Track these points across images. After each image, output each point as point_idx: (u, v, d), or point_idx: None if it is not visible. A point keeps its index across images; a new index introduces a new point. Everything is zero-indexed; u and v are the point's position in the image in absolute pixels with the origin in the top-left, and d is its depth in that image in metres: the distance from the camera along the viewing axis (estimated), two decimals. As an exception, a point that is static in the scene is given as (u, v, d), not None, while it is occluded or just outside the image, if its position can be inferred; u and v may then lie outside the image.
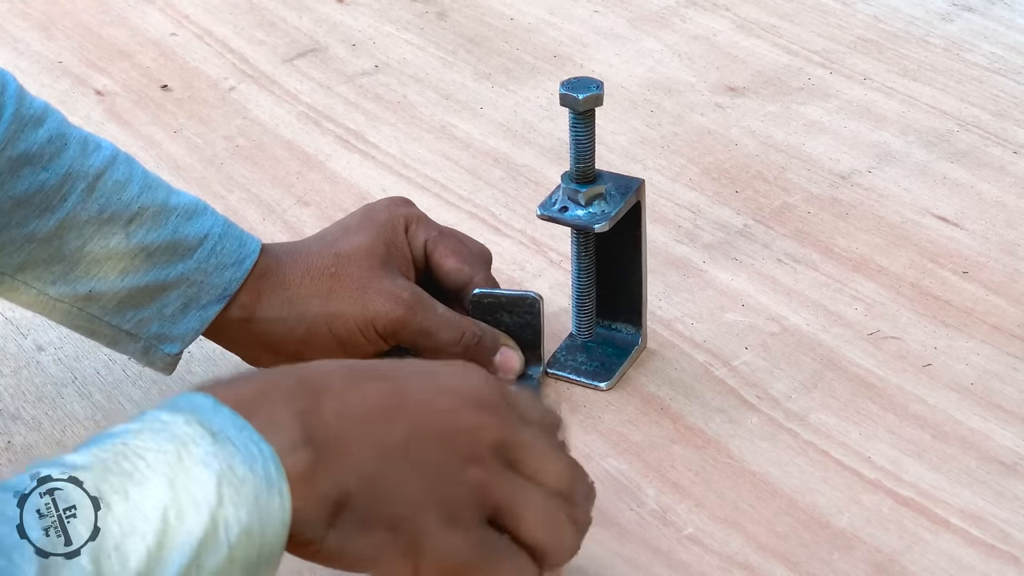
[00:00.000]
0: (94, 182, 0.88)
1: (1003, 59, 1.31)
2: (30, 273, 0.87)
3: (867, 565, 0.83)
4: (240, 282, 0.90)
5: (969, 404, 0.93)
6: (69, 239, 0.87)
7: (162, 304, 0.89)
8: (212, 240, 0.90)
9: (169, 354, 0.91)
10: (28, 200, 0.86)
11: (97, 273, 0.88)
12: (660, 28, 1.39)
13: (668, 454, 0.91)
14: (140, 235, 0.88)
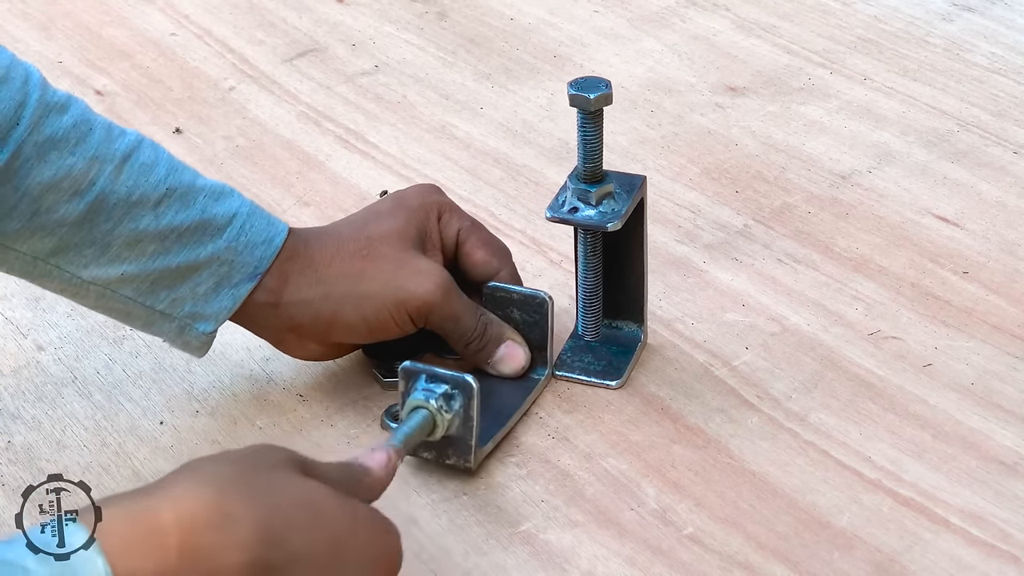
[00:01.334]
0: (121, 165, 0.88)
1: (1003, 59, 1.31)
2: (63, 257, 0.88)
3: (867, 565, 0.83)
4: (271, 260, 0.91)
5: (969, 404, 0.93)
6: (99, 222, 0.87)
7: (194, 284, 0.90)
8: (240, 219, 0.91)
9: (204, 332, 0.91)
10: (57, 185, 0.86)
11: (129, 255, 0.88)
12: (660, 28, 1.39)
13: (668, 454, 0.91)
14: (169, 216, 0.89)
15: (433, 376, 0.87)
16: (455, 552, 0.85)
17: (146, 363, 1.00)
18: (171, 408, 0.96)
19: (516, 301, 0.95)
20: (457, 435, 0.88)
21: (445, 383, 0.87)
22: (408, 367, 0.88)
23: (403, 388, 0.88)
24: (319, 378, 0.98)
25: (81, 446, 0.93)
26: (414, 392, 0.87)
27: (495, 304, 0.95)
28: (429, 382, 0.87)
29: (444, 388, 0.87)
